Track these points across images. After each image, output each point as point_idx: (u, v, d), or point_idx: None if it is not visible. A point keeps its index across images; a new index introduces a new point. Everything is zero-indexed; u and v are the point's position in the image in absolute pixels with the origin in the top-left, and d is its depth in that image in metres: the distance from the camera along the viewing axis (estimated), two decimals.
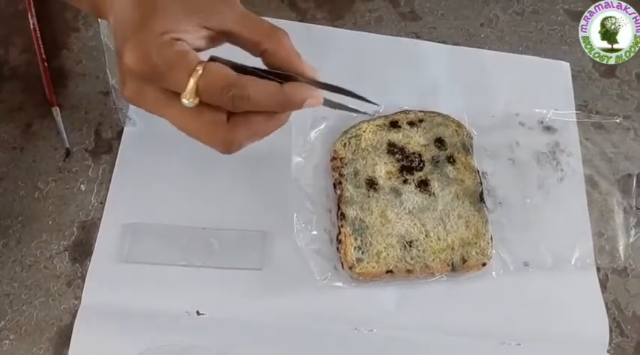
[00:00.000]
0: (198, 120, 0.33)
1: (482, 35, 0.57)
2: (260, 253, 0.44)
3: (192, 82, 0.31)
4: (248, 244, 0.44)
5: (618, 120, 0.53)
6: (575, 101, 0.54)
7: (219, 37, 0.34)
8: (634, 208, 0.50)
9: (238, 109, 0.32)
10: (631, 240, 0.48)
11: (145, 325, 0.41)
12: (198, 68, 0.31)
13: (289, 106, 0.34)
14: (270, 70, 0.34)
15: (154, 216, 0.44)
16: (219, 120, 0.33)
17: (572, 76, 0.55)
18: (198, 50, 0.33)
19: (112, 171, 0.46)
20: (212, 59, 0.32)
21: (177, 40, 0.32)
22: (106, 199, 0.45)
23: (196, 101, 0.32)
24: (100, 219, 0.45)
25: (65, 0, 0.41)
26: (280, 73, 0.34)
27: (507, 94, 0.53)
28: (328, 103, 0.36)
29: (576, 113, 0.53)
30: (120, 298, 0.42)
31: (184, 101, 0.32)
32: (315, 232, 0.45)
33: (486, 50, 0.55)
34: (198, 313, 0.42)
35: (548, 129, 0.52)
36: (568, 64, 0.56)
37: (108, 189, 0.46)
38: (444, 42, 0.55)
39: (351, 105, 0.37)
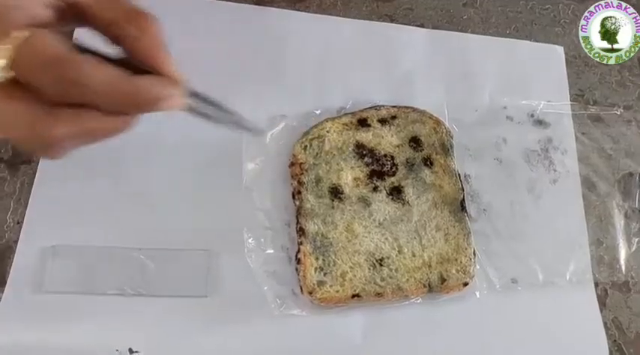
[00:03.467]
0: (4, 103, 0.26)
1: (465, 16, 0.54)
2: (205, 277, 0.41)
3: (4, 48, 0.24)
4: (191, 267, 0.41)
5: (618, 112, 0.51)
6: (569, 90, 0.51)
7: (67, 11, 0.28)
8: (637, 212, 0.47)
9: (67, 98, 0.26)
10: (633, 249, 0.46)
11: None
12: (18, 32, 0.25)
13: (138, 104, 0.27)
14: (133, 61, 0.28)
15: (80, 237, 0.41)
16: (35, 107, 0.26)
17: (567, 61, 0.52)
18: (39, 25, 0.26)
19: (31, 185, 0.42)
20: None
21: None
22: (24, 218, 0.42)
23: (8, 76, 0.25)
24: (16, 241, 0.41)
25: None
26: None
27: (493, 84, 0.50)
28: (197, 112, 0.29)
29: (571, 104, 0.50)
30: (38, 335, 0.39)
31: None
32: (270, 251, 0.42)
33: (469, 34, 0.53)
34: (131, 351, 0.39)
35: (540, 123, 0.49)
36: (562, 48, 0.53)
37: (27, 205, 0.42)
38: (422, 25, 0.53)
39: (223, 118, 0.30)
